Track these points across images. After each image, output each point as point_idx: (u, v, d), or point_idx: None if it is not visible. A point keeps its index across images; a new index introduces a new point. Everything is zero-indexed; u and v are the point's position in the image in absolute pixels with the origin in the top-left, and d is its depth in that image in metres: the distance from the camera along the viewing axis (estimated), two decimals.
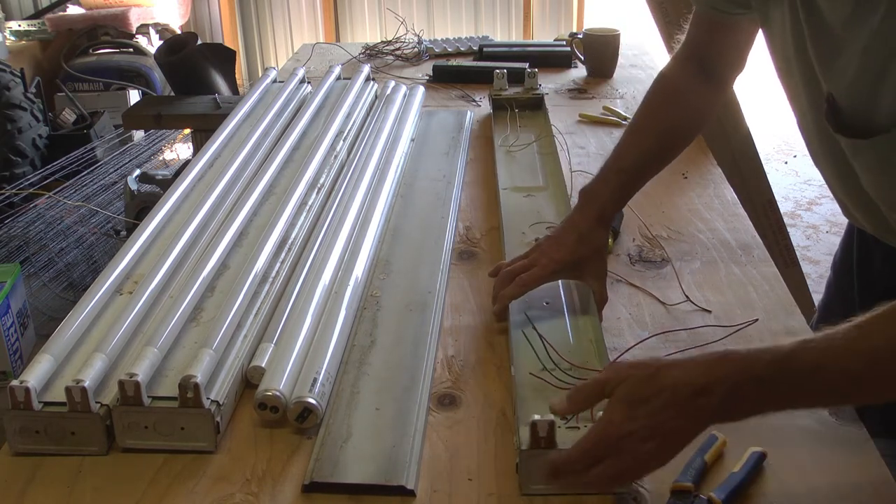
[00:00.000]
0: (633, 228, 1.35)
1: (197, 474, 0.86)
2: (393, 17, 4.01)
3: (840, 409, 0.93)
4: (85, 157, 2.85)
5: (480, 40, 2.56)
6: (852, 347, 0.70)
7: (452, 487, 0.83)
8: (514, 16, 4.75)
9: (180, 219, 1.27)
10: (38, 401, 0.88)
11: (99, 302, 1.04)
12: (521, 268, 1.08)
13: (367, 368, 1.01)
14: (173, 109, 2.13)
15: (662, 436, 0.71)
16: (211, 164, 1.47)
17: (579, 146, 1.74)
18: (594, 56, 2.24)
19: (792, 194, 3.74)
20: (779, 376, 0.71)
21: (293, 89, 1.82)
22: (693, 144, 1.75)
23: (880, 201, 0.94)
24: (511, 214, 1.36)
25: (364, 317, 1.11)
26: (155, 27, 4.26)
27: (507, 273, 1.09)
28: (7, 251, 2.22)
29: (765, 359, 0.71)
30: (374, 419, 0.92)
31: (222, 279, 1.13)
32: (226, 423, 0.92)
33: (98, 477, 0.86)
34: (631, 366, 0.76)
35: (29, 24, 4.07)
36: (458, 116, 1.87)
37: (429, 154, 1.65)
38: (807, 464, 0.85)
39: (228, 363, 0.96)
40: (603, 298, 1.08)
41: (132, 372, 0.88)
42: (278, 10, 4.85)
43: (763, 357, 0.71)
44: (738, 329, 1.07)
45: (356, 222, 1.28)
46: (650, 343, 1.05)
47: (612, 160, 1.16)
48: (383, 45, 2.50)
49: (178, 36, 2.51)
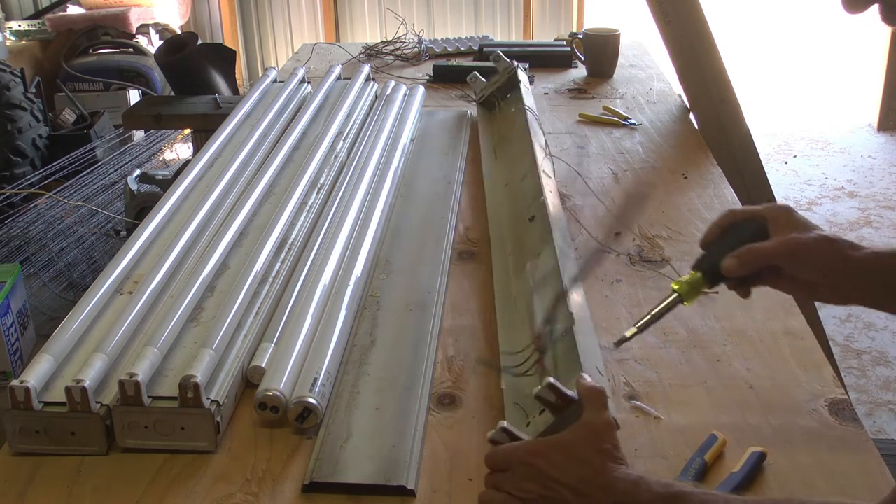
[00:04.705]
0: (633, 228, 1.35)
1: (197, 474, 0.86)
2: (393, 17, 4.02)
3: (840, 408, 0.93)
4: (85, 157, 2.85)
5: (480, 40, 2.56)
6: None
7: (452, 487, 0.83)
8: (514, 16, 4.74)
9: (180, 219, 1.27)
10: (38, 401, 0.88)
11: (99, 302, 1.04)
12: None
13: (367, 368, 1.01)
14: (173, 109, 2.13)
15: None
16: (211, 164, 1.47)
17: (579, 146, 1.74)
18: (594, 56, 2.24)
19: (792, 194, 3.74)
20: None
21: (293, 89, 1.82)
22: (693, 144, 1.76)
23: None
24: (495, 207, 1.37)
25: (364, 317, 1.11)
26: (155, 27, 4.26)
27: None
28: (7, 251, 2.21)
29: (654, 490, 0.71)
30: (374, 419, 0.92)
31: (222, 279, 1.13)
32: (226, 423, 0.92)
33: (98, 477, 0.86)
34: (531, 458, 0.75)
35: (29, 24, 4.07)
36: (458, 116, 1.87)
37: (429, 154, 1.65)
38: (807, 464, 0.85)
39: (228, 363, 0.96)
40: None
41: (132, 372, 0.88)
42: (278, 10, 4.85)
43: (653, 488, 0.71)
44: None
45: (356, 222, 1.28)
46: (650, 343, 1.06)
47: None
48: (383, 45, 2.51)
49: (178, 36, 2.51)
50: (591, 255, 0.88)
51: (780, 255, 0.84)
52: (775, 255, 0.84)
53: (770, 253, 0.85)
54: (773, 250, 0.84)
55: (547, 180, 1.35)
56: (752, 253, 0.85)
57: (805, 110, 4.85)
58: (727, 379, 0.99)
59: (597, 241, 0.87)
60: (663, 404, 0.95)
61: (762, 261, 0.85)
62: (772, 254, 0.85)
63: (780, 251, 0.84)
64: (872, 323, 2.71)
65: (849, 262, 0.83)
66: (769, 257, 0.85)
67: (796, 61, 5.78)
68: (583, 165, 1.24)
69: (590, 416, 0.75)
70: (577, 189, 1.51)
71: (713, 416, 0.93)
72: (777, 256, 0.85)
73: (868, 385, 2.43)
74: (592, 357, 0.92)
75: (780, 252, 0.84)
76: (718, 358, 1.03)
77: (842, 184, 3.84)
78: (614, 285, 1.19)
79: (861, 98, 4.78)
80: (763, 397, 0.96)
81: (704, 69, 1.87)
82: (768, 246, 0.85)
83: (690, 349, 1.04)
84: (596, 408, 0.75)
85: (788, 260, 0.85)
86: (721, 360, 1.02)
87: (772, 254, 0.85)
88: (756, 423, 0.91)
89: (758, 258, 0.85)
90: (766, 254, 0.85)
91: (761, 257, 0.85)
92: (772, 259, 0.85)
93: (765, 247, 0.85)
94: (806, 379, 0.98)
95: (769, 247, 0.85)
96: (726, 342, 1.06)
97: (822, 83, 5.30)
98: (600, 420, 0.75)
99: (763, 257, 0.85)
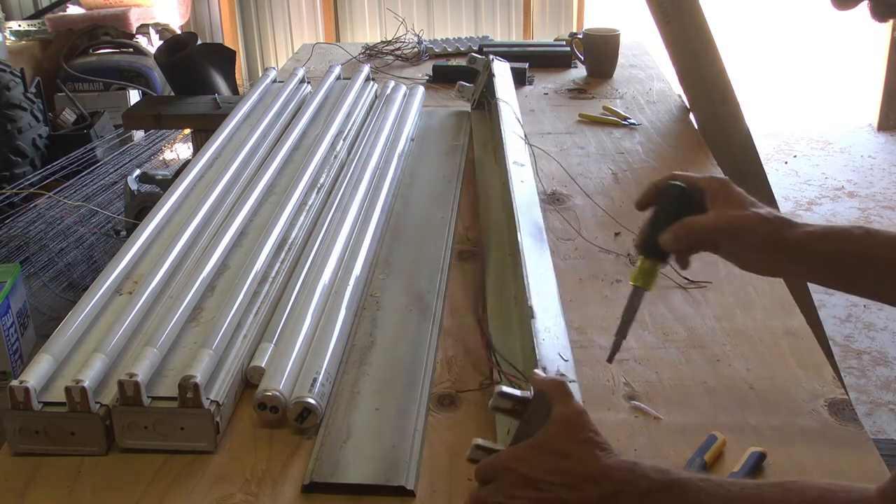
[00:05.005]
0: (633, 228, 1.35)
1: (197, 474, 0.86)
2: (393, 17, 4.02)
3: (840, 408, 0.93)
4: (85, 157, 2.84)
5: (480, 40, 2.56)
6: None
7: (452, 487, 0.83)
8: (514, 16, 4.75)
9: (180, 219, 1.27)
10: (38, 401, 0.88)
11: (99, 302, 1.04)
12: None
13: (367, 368, 1.01)
14: (173, 109, 2.13)
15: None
16: (211, 164, 1.47)
17: (579, 146, 1.74)
18: (594, 56, 2.24)
19: (792, 194, 3.74)
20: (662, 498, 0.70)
21: (293, 89, 1.82)
22: (693, 144, 1.76)
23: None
24: (489, 207, 1.38)
25: (364, 317, 1.11)
26: (155, 27, 4.26)
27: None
28: (7, 251, 2.21)
29: (651, 476, 0.70)
30: (374, 419, 0.92)
31: (222, 279, 1.13)
32: (225, 423, 0.92)
33: (98, 477, 0.86)
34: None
35: (29, 24, 4.07)
36: (458, 116, 1.87)
37: (429, 154, 1.65)
38: (807, 464, 0.85)
39: (228, 363, 0.96)
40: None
41: (132, 372, 0.87)
42: (278, 10, 4.85)
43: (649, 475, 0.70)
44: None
45: (356, 222, 1.28)
46: (650, 342, 1.06)
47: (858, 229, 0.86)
48: (383, 45, 2.51)
49: (178, 36, 2.51)
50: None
51: (715, 230, 0.86)
52: (710, 229, 0.86)
53: (705, 227, 0.86)
54: (708, 225, 0.86)
55: (518, 169, 1.35)
56: (687, 228, 0.86)
57: (805, 110, 4.85)
58: (727, 379, 0.99)
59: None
60: (663, 404, 0.95)
61: (696, 235, 0.87)
62: (707, 228, 0.86)
63: (716, 227, 0.85)
64: (872, 323, 2.71)
65: (783, 242, 0.84)
66: (703, 231, 0.86)
67: (796, 61, 5.78)
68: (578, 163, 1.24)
69: (559, 409, 0.74)
70: (576, 189, 1.51)
71: (713, 416, 0.93)
72: (712, 231, 0.86)
73: (868, 385, 2.43)
74: (553, 345, 0.91)
75: (715, 227, 0.86)
76: (718, 358, 1.03)
77: (842, 184, 3.84)
78: (614, 285, 1.19)
79: (861, 98, 4.78)
80: (763, 397, 0.95)
81: (704, 69, 1.87)
82: (703, 220, 0.86)
83: (690, 349, 1.04)
84: (562, 399, 0.75)
85: (723, 236, 0.86)
86: (721, 360, 1.02)
87: (707, 228, 0.86)
88: (756, 423, 0.91)
89: (692, 233, 0.86)
90: (701, 228, 0.86)
91: (695, 232, 0.86)
92: (706, 234, 0.86)
93: (700, 221, 0.86)
94: (806, 379, 0.98)
95: (704, 221, 0.86)
96: (726, 342, 1.06)
97: (822, 83, 5.30)
98: (571, 410, 0.74)
99: (697, 232, 0.86)
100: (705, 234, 0.86)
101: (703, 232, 0.86)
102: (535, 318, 0.95)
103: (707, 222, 0.86)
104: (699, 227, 0.86)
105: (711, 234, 0.86)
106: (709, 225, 0.86)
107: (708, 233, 0.86)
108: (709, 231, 0.86)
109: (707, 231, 0.86)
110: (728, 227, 0.85)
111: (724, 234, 0.85)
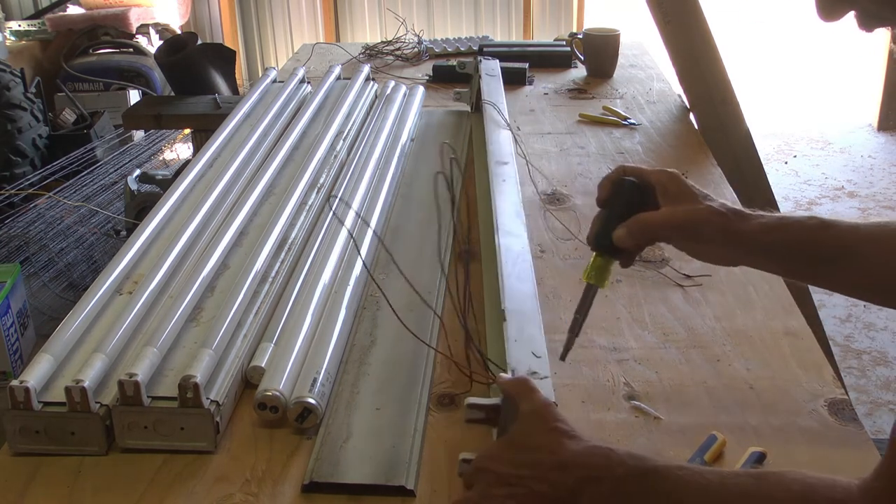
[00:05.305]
0: None
1: (197, 474, 0.86)
2: (393, 17, 4.02)
3: (840, 408, 0.93)
4: (85, 157, 2.84)
5: (480, 40, 2.56)
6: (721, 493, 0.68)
7: (452, 487, 0.83)
8: (514, 16, 4.75)
9: (180, 219, 1.27)
10: (38, 401, 0.88)
11: (99, 302, 1.04)
12: None
13: (367, 368, 1.01)
14: (173, 109, 2.13)
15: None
16: (211, 164, 1.47)
17: (579, 146, 1.74)
18: (594, 56, 2.24)
19: (792, 194, 3.74)
20: (637, 489, 0.69)
21: (293, 89, 1.82)
22: (693, 144, 1.76)
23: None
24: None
25: (364, 316, 1.11)
26: (155, 27, 4.26)
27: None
28: (7, 251, 2.21)
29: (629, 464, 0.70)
30: (374, 419, 0.92)
31: (222, 279, 1.13)
32: (225, 423, 0.92)
33: (98, 477, 0.86)
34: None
35: (29, 24, 4.07)
36: (458, 116, 1.87)
37: (429, 154, 1.65)
38: (807, 464, 0.85)
39: (228, 363, 0.96)
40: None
41: (132, 372, 0.87)
42: (278, 10, 4.85)
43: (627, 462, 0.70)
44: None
45: (356, 222, 1.27)
46: (650, 342, 1.06)
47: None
48: (383, 45, 2.51)
49: (178, 36, 2.51)
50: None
51: (668, 225, 0.86)
52: (664, 225, 0.86)
53: (658, 223, 0.86)
54: (662, 221, 0.86)
55: (501, 166, 1.35)
56: (640, 223, 0.86)
57: (805, 110, 4.85)
58: (727, 379, 0.99)
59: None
60: (663, 404, 0.95)
61: (650, 232, 0.86)
62: (660, 224, 0.86)
63: (670, 222, 0.85)
64: (872, 323, 2.71)
65: (736, 235, 0.84)
66: (657, 227, 0.86)
67: (796, 61, 5.79)
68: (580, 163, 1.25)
69: (525, 405, 0.75)
70: (576, 189, 1.51)
71: (713, 416, 0.93)
72: (665, 227, 0.86)
73: (868, 385, 2.43)
74: (527, 344, 0.91)
75: (668, 223, 0.85)
76: (718, 358, 1.03)
77: (842, 184, 3.85)
78: (614, 285, 1.19)
79: (861, 98, 4.78)
80: (763, 397, 0.96)
81: (704, 69, 1.87)
82: (656, 216, 0.86)
83: (690, 349, 1.04)
84: (526, 396, 0.76)
85: (676, 231, 0.86)
86: (721, 360, 1.02)
87: (660, 224, 0.86)
88: (756, 423, 0.91)
89: (645, 230, 0.86)
90: (654, 224, 0.86)
91: (649, 228, 0.86)
92: (660, 229, 0.86)
93: (653, 217, 0.86)
94: (806, 379, 0.98)
95: (657, 217, 0.86)
96: (726, 342, 1.06)
97: (822, 83, 5.30)
98: (536, 404, 0.75)
99: (651, 228, 0.86)
100: (659, 229, 0.86)
101: (656, 227, 0.86)
102: (506, 321, 0.94)
103: (660, 218, 0.86)
104: (652, 222, 0.86)
105: (665, 229, 0.86)
106: (662, 220, 0.86)
107: (661, 228, 0.86)
108: (662, 227, 0.86)
109: (660, 227, 0.86)
110: (682, 222, 0.85)
111: (677, 229, 0.86)
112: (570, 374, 0.99)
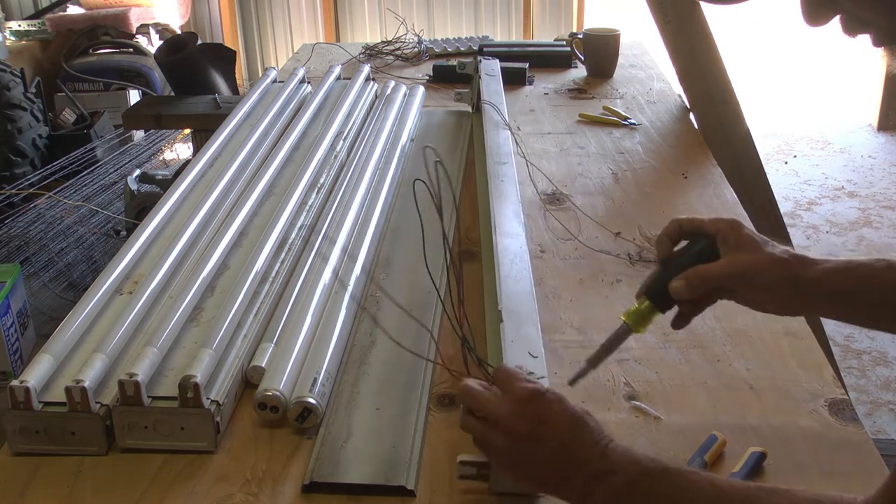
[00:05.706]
0: (633, 228, 1.35)
1: (197, 474, 0.86)
2: (393, 17, 4.02)
3: (840, 408, 0.93)
4: (85, 157, 2.84)
5: (480, 40, 2.56)
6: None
7: (452, 487, 0.83)
8: (514, 16, 4.75)
9: (180, 219, 1.27)
10: (38, 401, 0.88)
11: (99, 302, 1.04)
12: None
13: (367, 368, 1.01)
14: (173, 109, 2.13)
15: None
16: (211, 164, 1.47)
17: (579, 146, 1.74)
18: (594, 56, 2.24)
19: (792, 194, 3.74)
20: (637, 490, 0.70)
21: (293, 89, 1.82)
22: (693, 144, 1.76)
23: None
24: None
25: (364, 317, 1.11)
26: (155, 27, 4.26)
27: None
28: (7, 251, 2.21)
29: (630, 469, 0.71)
30: (374, 419, 0.92)
31: (222, 279, 1.13)
32: (226, 423, 0.92)
33: (98, 477, 0.86)
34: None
35: (29, 24, 4.07)
36: (458, 116, 1.87)
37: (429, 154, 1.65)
38: (807, 464, 0.85)
39: (228, 363, 0.96)
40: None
41: (132, 372, 0.88)
42: (278, 10, 4.85)
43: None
44: None
45: (356, 222, 1.28)
46: (650, 342, 1.06)
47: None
48: (383, 45, 2.51)
49: (178, 36, 2.51)
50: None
51: (728, 276, 0.82)
52: (724, 276, 0.82)
53: (718, 275, 0.82)
54: (722, 272, 0.82)
55: (498, 166, 1.35)
56: (700, 275, 0.82)
57: (805, 110, 4.85)
58: (727, 379, 0.99)
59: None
60: (663, 404, 0.95)
61: (710, 283, 0.83)
62: (720, 276, 0.82)
63: (729, 273, 0.82)
64: None
65: (799, 282, 0.81)
66: (717, 279, 0.82)
67: (797, 61, 5.78)
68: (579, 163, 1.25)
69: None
70: (576, 189, 1.51)
71: (713, 416, 0.93)
72: (725, 278, 0.82)
73: (868, 385, 2.43)
74: (524, 344, 0.91)
75: (728, 274, 0.82)
76: (718, 358, 1.03)
77: (842, 184, 3.85)
78: (614, 285, 1.19)
79: (861, 98, 4.78)
80: (763, 397, 0.96)
81: (704, 69, 1.87)
82: (716, 268, 0.82)
83: (690, 349, 1.04)
84: (508, 384, 0.77)
85: (737, 281, 0.82)
86: (721, 360, 1.02)
87: (720, 276, 0.82)
88: (756, 423, 0.91)
89: (705, 281, 0.83)
90: (714, 276, 0.82)
91: (709, 280, 0.83)
92: (720, 281, 0.83)
93: (712, 269, 0.82)
94: (806, 379, 0.98)
95: (717, 269, 0.82)
96: (726, 342, 1.06)
97: (822, 83, 5.30)
98: (526, 390, 0.76)
99: (711, 280, 0.83)
100: (720, 282, 0.82)
101: (717, 280, 0.82)
102: (502, 322, 0.94)
103: (720, 268, 0.82)
104: (713, 275, 0.82)
105: (726, 281, 0.82)
106: (722, 271, 0.82)
107: (722, 280, 0.82)
108: (722, 277, 0.82)
109: (721, 277, 0.82)
110: (743, 273, 0.81)
111: (738, 280, 0.82)
112: (570, 373, 0.99)
